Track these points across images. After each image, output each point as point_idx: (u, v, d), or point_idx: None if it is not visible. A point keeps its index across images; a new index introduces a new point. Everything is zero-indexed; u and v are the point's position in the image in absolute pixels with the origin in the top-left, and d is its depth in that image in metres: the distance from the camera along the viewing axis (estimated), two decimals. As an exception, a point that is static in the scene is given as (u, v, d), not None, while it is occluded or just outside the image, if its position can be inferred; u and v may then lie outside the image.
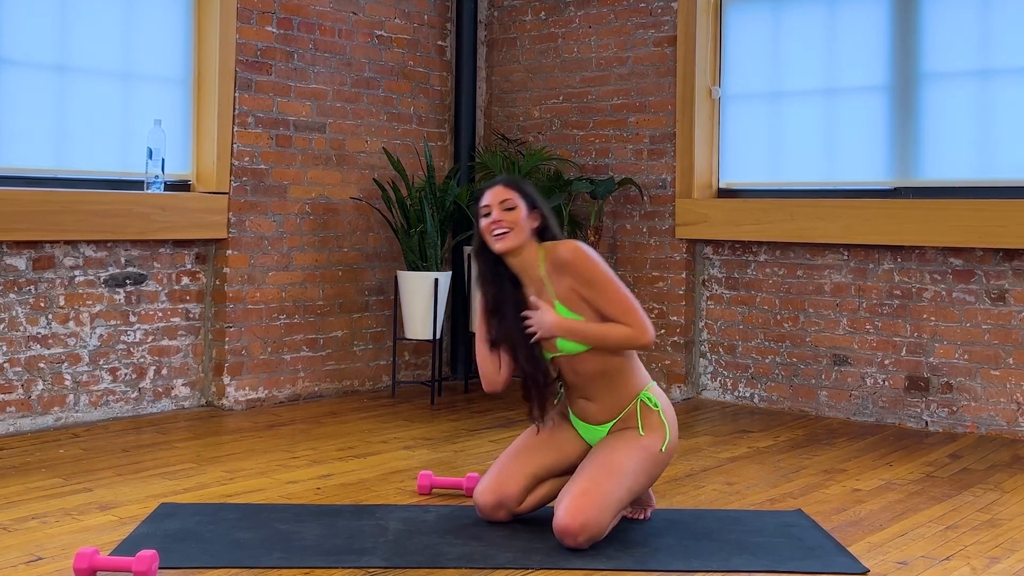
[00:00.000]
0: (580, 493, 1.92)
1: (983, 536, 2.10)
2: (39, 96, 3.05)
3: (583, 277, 1.99)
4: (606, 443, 2.03)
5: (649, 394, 2.06)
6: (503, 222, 2.02)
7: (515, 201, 2.04)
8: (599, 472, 1.95)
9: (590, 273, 1.99)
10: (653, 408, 2.04)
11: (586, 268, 1.99)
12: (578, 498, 1.91)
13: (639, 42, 3.75)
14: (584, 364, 2.04)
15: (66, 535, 2.01)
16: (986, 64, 3.17)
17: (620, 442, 2.01)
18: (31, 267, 2.98)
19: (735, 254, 3.62)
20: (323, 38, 3.62)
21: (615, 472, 1.95)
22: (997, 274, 3.12)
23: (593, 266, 2.00)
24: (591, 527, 1.90)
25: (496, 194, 2.05)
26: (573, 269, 1.99)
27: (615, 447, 2.00)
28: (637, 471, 1.98)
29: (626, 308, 1.98)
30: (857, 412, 3.36)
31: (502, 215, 2.03)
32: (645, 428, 2.02)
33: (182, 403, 3.33)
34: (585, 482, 1.94)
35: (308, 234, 3.59)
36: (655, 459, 2.02)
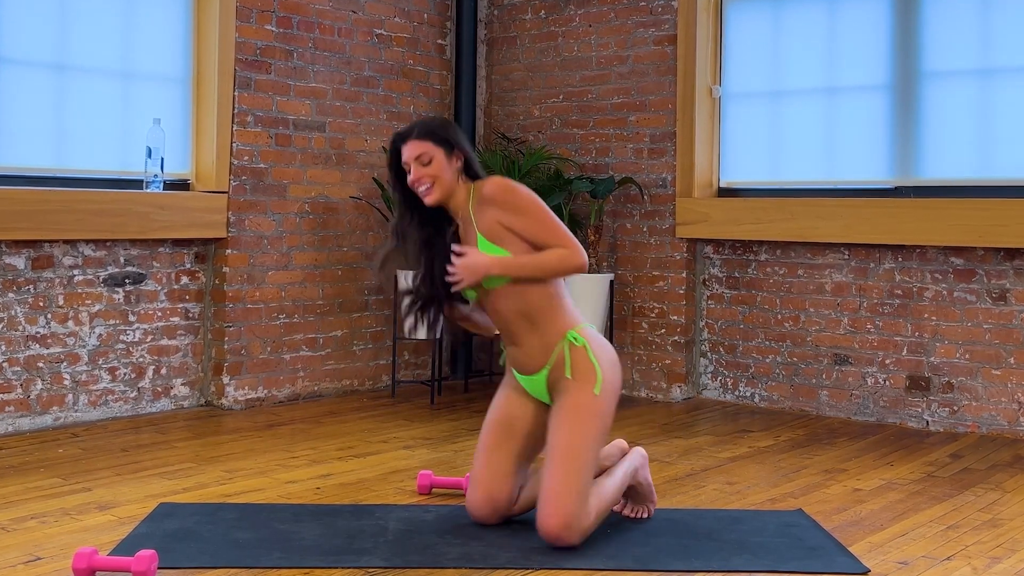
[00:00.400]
0: (551, 496, 1.90)
1: (984, 536, 2.10)
2: (38, 95, 3.04)
3: (510, 206, 1.94)
4: (552, 424, 1.97)
5: (575, 333, 1.97)
6: (424, 178, 1.98)
7: (430, 153, 1.98)
8: (559, 466, 1.91)
9: (516, 201, 1.95)
10: (579, 346, 1.96)
11: (512, 197, 1.95)
12: (551, 502, 1.90)
13: (639, 41, 3.75)
14: (502, 301, 1.99)
15: (65, 535, 2.01)
16: (987, 63, 3.17)
17: (562, 418, 1.94)
18: (30, 266, 2.98)
19: (736, 253, 3.61)
20: (323, 37, 3.61)
21: (571, 457, 1.90)
22: (998, 273, 3.12)
23: (519, 194, 1.96)
24: (573, 525, 1.89)
25: (410, 150, 1.99)
26: (500, 201, 1.95)
27: (560, 427, 1.94)
28: (588, 439, 1.92)
29: (557, 231, 1.95)
30: (858, 412, 3.35)
31: (420, 171, 1.99)
32: (574, 373, 1.95)
33: (181, 403, 3.33)
34: (550, 481, 1.91)
35: (308, 233, 3.59)
36: (597, 412, 1.94)
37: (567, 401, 1.96)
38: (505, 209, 1.95)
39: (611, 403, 1.99)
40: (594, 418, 1.94)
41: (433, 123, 2.04)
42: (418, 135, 2.00)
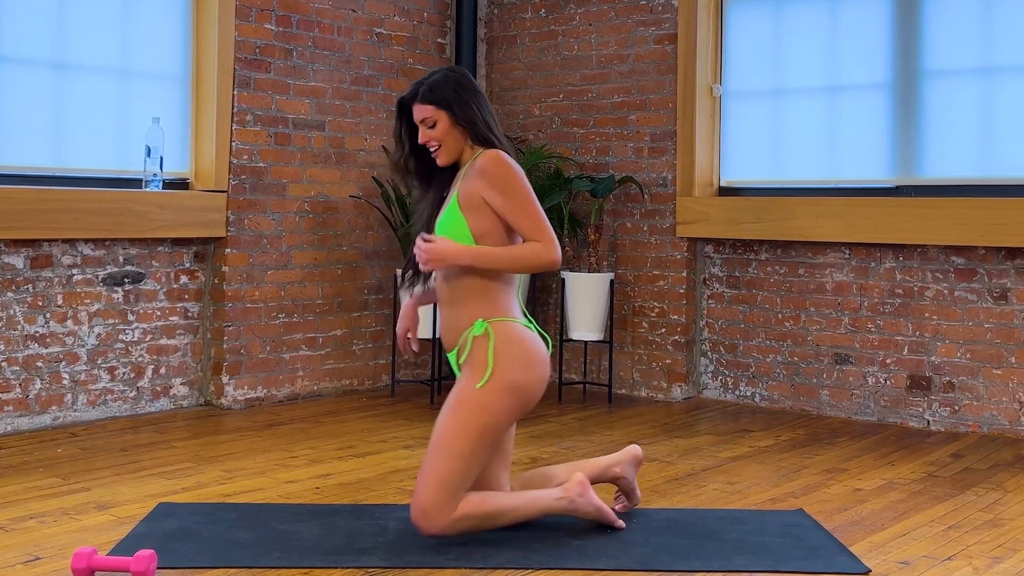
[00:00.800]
0: (417, 483, 1.90)
1: (985, 536, 2.10)
2: (37, 94, 3.04)
3: (499, 182, 1.90)
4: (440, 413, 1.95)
5: (485, 323, 1.91)
6: (430, 141, 1.97)
7: (434, 116, 1.96)
8: (428, 455, 1.90)
9: (506, 179, 1.91)
10: (480, 336, 1.90)
11: (503, 174, 1.91)
12: (416, 489, 1.90)
13: (640, 39, 3.74)
14: (441, 278, 1.98)
15: (64, 535, 2.00)
16: (988, 61, 3.16)
17: (444, 407, 1.93)
18: (29, 266, 2.97)
19: (736, 252, 3.61)
20: (322, 36, 3.61)
21: (438, 447, 1.88)
22: (999, 273, 3.11)
23: (510, 175, 1.92)
24: (430, 514, 1.87)
25: (417, 112, 1.97)
26: (489, 173, 1.91)
27: (440, 416, 1.92)
28: (460, 432, 1.87)
29: (537, 220, 1.91)
30: (859, 411, 3.35)
31: (427, 133, 1.97)
32: (469, 362, 1.90)
33: (180, 402, 3.32)
34: (420, 471, 1.91)
35: (307, 232, 3.58)
36: (475, 407, 1.87)
37: (454, 391, 1.94)
38: (492, 184, 1.91)
39: (507, 403, 1.90)
40: (472, 413, 1.88)
41: (439, 82, 1.97)
42: (422, 98, 1.97)
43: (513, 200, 1.91)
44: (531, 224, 1.91)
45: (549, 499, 2.01)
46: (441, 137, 1.97)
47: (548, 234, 1.92)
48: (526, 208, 1.91)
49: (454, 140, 1.97)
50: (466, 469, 1.89)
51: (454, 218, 1.94)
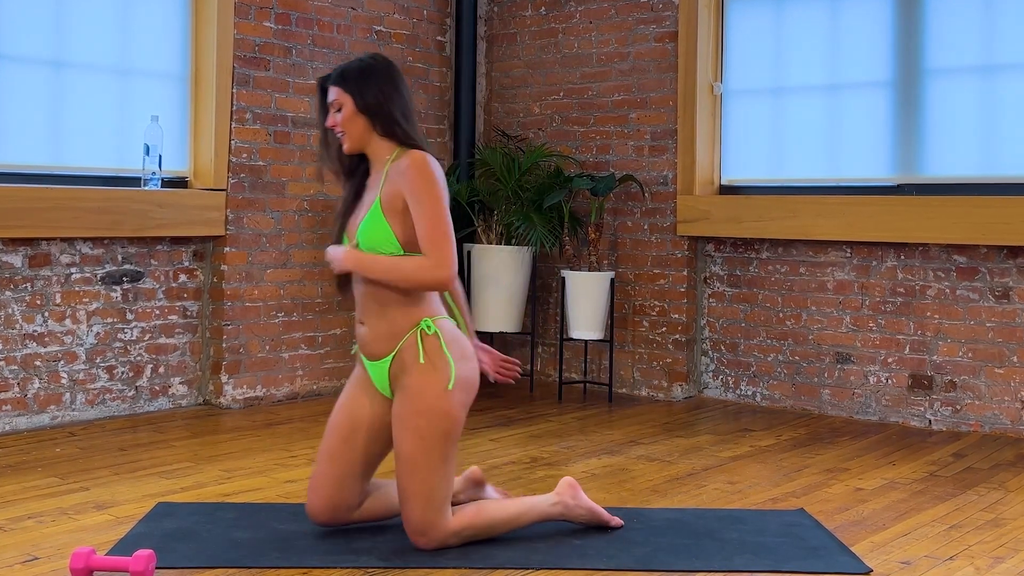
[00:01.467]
0: (402, 505, 1.88)
1: (987, 536, 2.09)
2: (35, 92, 3.03)
3: (414, 186, 1.84)
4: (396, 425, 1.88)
5: (429, 321, 1.87)
6: (336, 125, 1.92)
7: (340, 100, 1.90)
8: (404, 475, 1.87)
9: (420, 183, 1.84)
10: (431, 335, 1.85)
11: (419, 178, 1.84)
12: (403, 511, 1.88)
13: (640, 37, 3.73)
14: (361, 280, 1.92)
15: (62, 535, 1.99)
16: (990, 60, 3.15)
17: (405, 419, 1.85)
18: (27, 264, 2.96)
19: (737, 251, 3.60)
20: (321, 33, 3.60)
21: (412, 467, 1.84)
22: (1001, 271, 3.10)
23: (424, 180, 1.84)
24: (427, 532, 1.87)
25: (328, 95, 1.94)
26: (408, 176, 1.85)
27: (404, 431, 1.86)
28: (433, 441, 1.84)
29: (434, 232, 1.82)
30: (860, 411, 3.34)
31: (332, 117, 1.93)
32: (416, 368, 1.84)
33: (179, 402, 3.31)
34: (400, 490, 1.88)
35: (307, 231, 3.57)
36: (442, 411, 1.84)
37: (411, 399, 1.86)
38: (409, 187, 1.85)
39: (461, 400, 1.88)
40: (431, 422, 1.84)
41: (352, 68, 1.93)
42: (335, 80, 1.93)
43: (421, 205, 1.84)
44: (429, 234, 1.83)
45: (544, 505, 2.00)
46: (344, 123, 1.91)
47: (444, 250, 1.83)
48: (431, 216, 1.83)
49: (357, 129, 1.91)
50: (445, 479, 1.88)
51: (377, 223, 1.88)
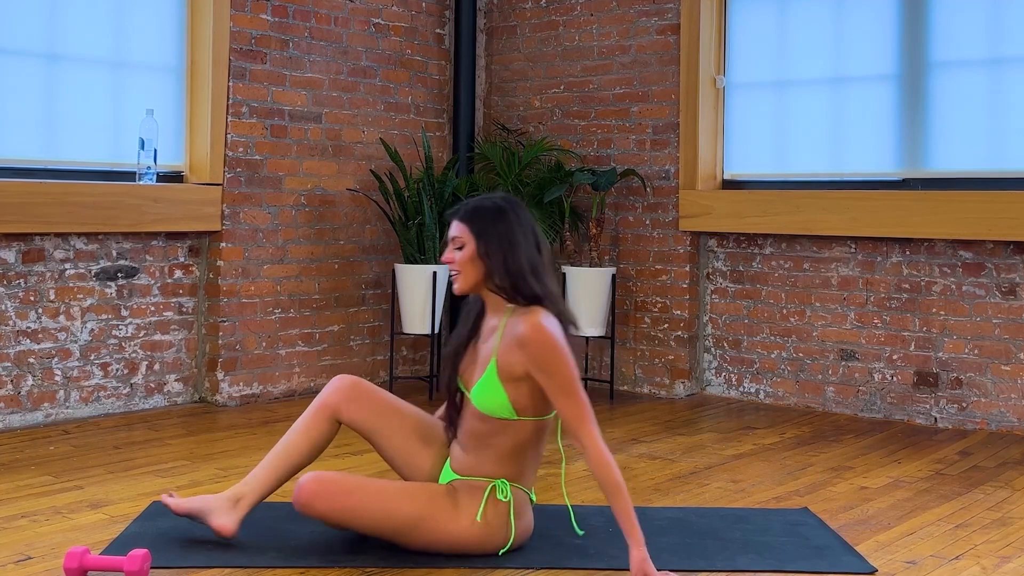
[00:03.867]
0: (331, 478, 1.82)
1: (993, 535, 2.08)
2: (29, 85, 3.01)
3: (542, 362, 1.77)
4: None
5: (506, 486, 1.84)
6: (454, 263, 1.87)
7: (464, 239, 1.85)
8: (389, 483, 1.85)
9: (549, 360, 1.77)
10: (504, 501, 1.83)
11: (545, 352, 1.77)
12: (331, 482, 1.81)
13: (642, 30, 3.69)
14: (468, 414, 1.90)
15: (56, 534, 1.98)
16: (996, 52, 3.13)
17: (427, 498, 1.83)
18: (20, 260, 2.93)
19: (740, 247, 3.57)
20: (319, 26, 3.56)
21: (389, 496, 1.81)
22: (1008, 267, 3.07)
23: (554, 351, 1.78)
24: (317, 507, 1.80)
25: (452, 228, 1.88)
26: (532, 351, 1.78)
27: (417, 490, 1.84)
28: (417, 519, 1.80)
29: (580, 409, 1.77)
30: (865, 408, 3.31)
31: (452, 255, 1.87)
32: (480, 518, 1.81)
33: (175, 399, 3.29)
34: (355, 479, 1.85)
35: (304, 226, 3.54)
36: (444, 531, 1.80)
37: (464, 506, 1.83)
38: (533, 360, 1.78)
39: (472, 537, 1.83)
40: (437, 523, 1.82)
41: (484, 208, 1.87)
42: (462, 217, 1.87)
43: (555, 380, 1.77)
44: (574, 412, 1.77)
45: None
46: (462, 264, 1.85)
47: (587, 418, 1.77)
48: (567, 390, 1.77)
49: (473, 272, 1.85)
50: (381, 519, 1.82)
51: (494, 389, 1.83)
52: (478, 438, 1.89)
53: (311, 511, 1.82)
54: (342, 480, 1.84)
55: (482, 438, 1.88)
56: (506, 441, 1.86)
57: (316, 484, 1.82)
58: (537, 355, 1.78)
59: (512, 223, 1.85)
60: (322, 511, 1.82)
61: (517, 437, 1.86)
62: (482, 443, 1.88)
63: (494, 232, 1.84)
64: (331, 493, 1.81)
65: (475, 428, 1.89)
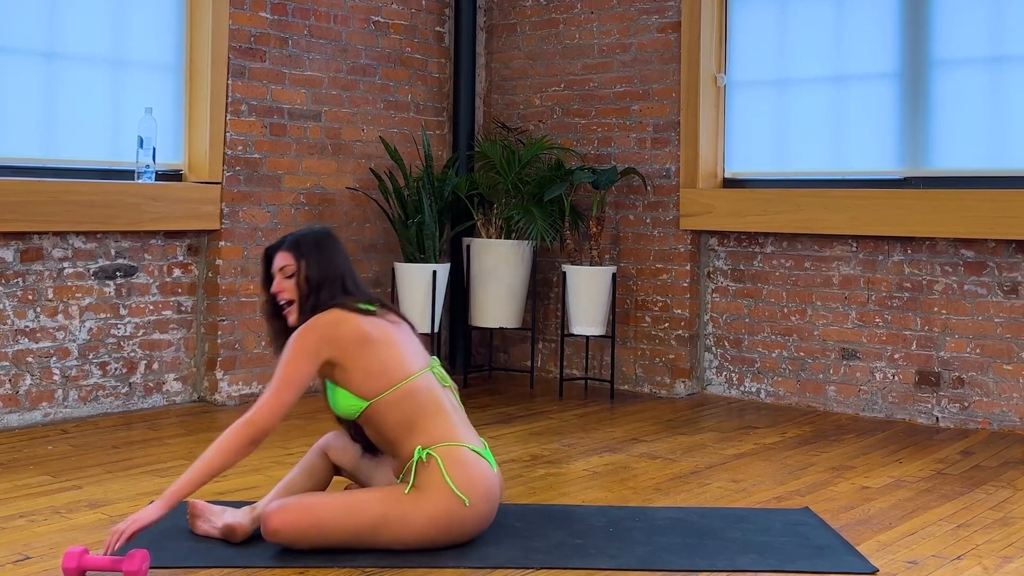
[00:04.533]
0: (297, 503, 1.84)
1: (995, 535, 2.07)
2: (27, 83, 3.00)
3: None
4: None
5: (429, 450, 1.85)
6: (284, 292, 1.94)
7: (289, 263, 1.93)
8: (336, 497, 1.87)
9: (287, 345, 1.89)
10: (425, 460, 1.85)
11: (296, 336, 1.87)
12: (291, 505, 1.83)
13: (642, 28, 3.68)
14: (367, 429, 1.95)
15: (55, 533, 1.98)
16: (998, 51, 3.12)
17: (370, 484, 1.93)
18: (19, 259, 2.92)
19: (741, 245, 3.55)
20: (318, 24, 3.55)
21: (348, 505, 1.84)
22: (1010, 266, 3.06)
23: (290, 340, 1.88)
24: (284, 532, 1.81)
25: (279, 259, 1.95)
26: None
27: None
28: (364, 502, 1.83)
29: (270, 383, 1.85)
30: (866, 408, 3.30)
31: (282, 284, 1.94)
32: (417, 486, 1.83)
33: (173, 398, 3.28)
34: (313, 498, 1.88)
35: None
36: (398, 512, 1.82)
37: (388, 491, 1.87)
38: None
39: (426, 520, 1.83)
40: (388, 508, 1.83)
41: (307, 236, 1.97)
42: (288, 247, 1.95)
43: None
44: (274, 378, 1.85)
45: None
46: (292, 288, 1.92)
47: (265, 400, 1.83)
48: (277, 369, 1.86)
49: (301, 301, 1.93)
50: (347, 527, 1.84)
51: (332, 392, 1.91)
52: (379, 441, 1.94)
53: (281, 539, 1.84)
54: (301, 501, 1.87)
55: (379, 438, 1.93)
56: (386, 426, 1.89)
57: (278, 514, 1.83)
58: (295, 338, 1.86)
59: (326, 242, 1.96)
60: (291, 537, 1.83)
61: (386, 416, 1.88)
62: (383, 441, 1.93)
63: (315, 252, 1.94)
64: (293, 517, 1.82)
65: (369, 434, 1.94)
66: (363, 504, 1.85)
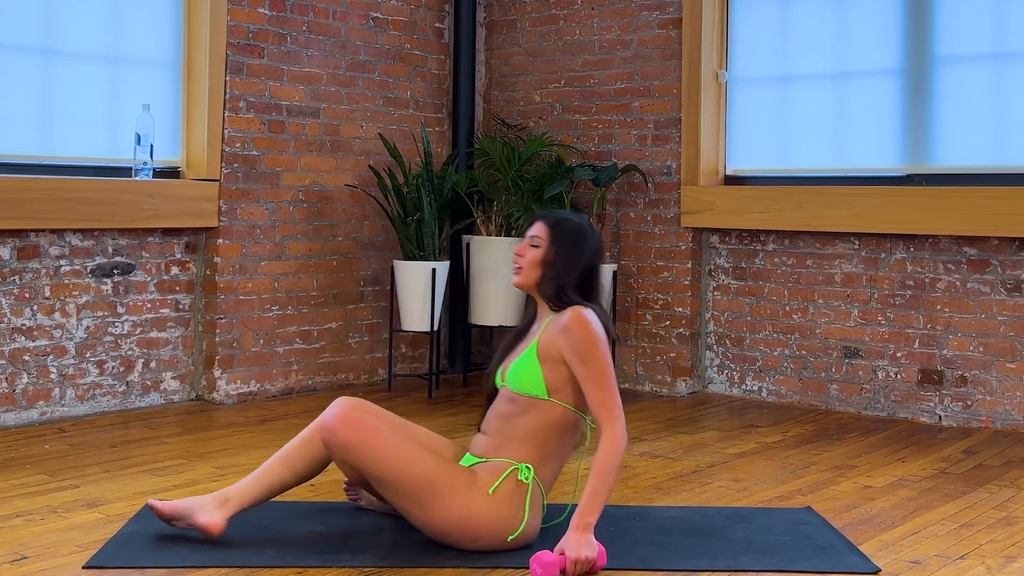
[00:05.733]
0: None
1: (998, 534, 2.06)
2: (24, 80, 2.99)
3: (579, 347, 1.87)
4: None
5: (529, 471, 1.86)
6: (521, 256, 1.99)
7: (541, 240, 1.97)
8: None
9: (586, 346, 1.87)
10: (523, 482, 1.85)
11: (584, 339, 1.87)
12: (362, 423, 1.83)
13: (643, 24, 3.66)
14: (500, 400, 1.96)
15: (51, 533, 1.97)
16: (1002, 47, 3.11)
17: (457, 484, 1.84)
18: (15, 257, 2.91)
19: (742, 243, 3.54)
20: (317, 20, 3.53)
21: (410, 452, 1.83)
22: (1013, 264, 3.05)
23: (591, 341, 1.88)
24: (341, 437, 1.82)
25: (534, 227, 2.00)
26: (571, 335, 1.88)
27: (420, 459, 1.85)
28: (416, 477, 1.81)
29: (607, 397, 1.85)
30: (868, 406, 3.29)
31: (523, 249, 1.99)
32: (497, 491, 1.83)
33: (171, 397, 3.27)
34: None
35: (301, 222, 3.52)
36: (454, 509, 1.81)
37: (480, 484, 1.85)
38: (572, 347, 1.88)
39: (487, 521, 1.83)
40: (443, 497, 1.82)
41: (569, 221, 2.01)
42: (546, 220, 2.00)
43: (589, 367, 1.87)
44: (601, 399, 1.86)
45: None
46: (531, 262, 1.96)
47: (615, 411, 1.86)
48: (600, 380, 1.87)
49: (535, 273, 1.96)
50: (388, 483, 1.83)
51: (529, 365, 1.91)
52: (505, 419, 1.92)
53: (335, 437, 1.84)
54: (374, 424, 1.86)
55: (508, 419, 1.92)
56: (531, 422, 1.89)
57: (348, 409, 1.85)
58: (576, 341, 1.87)
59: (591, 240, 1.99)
60: (344, 439, 1.83)
61: (543, 419, 1.90)
62: (508, 423, 1.92)
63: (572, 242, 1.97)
64: (360, 424, 1.84)
65: (503, 410, 1.93)
66: (423, 460, 1.84)
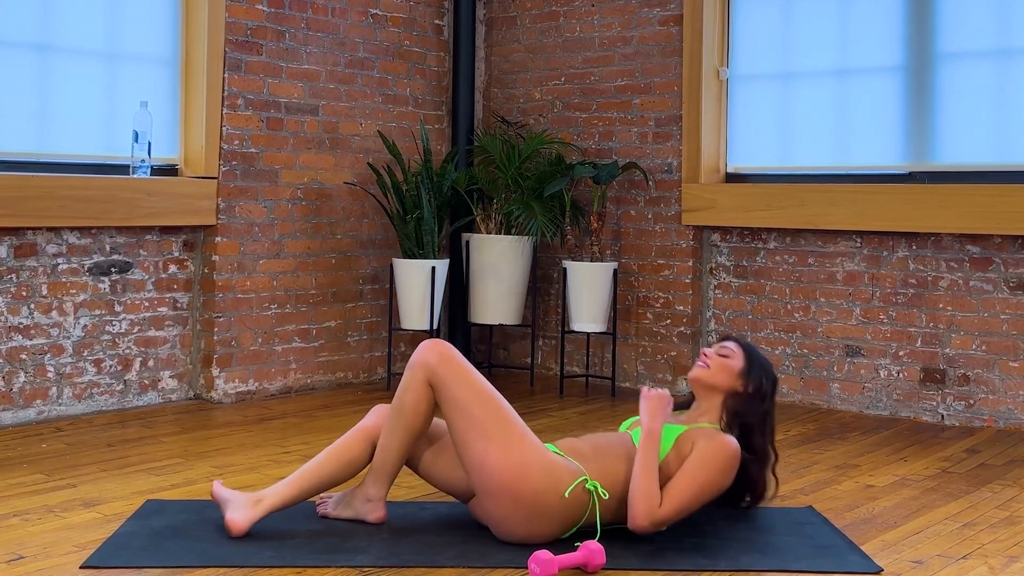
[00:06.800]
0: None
1: (1001, 534, 2.06)
2: (20, 77, 2.98)
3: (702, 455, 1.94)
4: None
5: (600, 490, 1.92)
6: (709, 359, 2.09)
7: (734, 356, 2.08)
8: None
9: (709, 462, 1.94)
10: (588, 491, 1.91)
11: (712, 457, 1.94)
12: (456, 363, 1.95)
13: (644, 21, 3.65)
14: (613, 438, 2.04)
15: (48, 533, 1.96)
16: (1004, 43, 3.10)
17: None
18: (12, 255, 2.90)
19: (744, 241, 3.53)
20: (316, 17, 3.52)
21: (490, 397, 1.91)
22: (1016, 262, 3.04)
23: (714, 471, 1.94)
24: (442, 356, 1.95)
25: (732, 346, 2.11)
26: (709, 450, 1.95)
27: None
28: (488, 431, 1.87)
29: (678, 497, 1.92)
30: (870, 405, 3.27)
31: (714, 355, 2.09)
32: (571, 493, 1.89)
33: (169, 396, 3.25)
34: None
35: (300, 220, 3.50)
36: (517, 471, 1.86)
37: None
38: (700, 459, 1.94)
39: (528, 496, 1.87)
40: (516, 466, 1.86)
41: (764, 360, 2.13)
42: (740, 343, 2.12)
43: (694, 471, 1.93)
44: (675, 494, 1.92)
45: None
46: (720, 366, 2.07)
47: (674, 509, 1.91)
48: (692, 488, 1.92)
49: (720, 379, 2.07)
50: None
51: (663, 440, 1.97)
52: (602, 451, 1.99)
53: (425, 356, 1.94)
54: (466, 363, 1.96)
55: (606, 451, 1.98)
56: (624, 468, 1.95)
57: (446, 355, 1.94)
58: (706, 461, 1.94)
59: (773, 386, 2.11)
60: (435, 363, 1.93)
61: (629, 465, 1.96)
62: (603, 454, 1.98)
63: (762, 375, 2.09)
64: (454, 356, 1.94)
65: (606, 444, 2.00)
66: (507, 404, 1.92)
